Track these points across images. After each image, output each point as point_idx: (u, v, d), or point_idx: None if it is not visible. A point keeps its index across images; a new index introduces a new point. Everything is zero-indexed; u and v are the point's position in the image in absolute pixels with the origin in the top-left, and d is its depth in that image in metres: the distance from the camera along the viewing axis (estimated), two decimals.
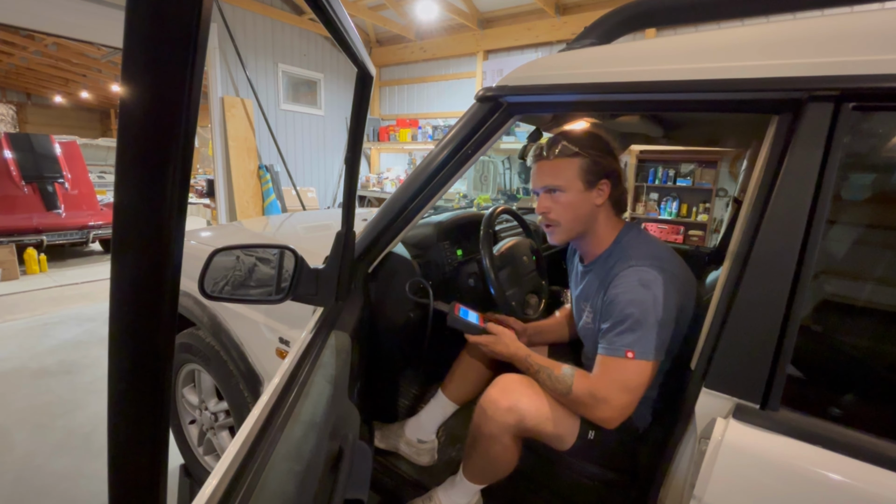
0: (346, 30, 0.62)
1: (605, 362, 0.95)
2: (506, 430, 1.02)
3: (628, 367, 0.92)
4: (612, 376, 0.94)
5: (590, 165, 1.03)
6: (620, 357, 0.92)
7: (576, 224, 1.06)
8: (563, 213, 1.05)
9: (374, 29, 6.45)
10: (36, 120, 14.09)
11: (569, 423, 1.02)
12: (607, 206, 1.08)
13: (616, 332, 0.94)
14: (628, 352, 0.92)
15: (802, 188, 0.66)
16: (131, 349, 0.27)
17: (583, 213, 1.05)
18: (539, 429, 1.01)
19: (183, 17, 0.22)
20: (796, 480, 0.62)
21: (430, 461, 1.38)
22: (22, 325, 3.50)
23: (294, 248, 0.98)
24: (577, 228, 1.07)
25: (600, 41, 0.95)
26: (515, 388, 1.04)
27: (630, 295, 0.94)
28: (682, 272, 1.01)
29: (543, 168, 1.06)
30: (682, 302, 0.97)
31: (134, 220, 0.25)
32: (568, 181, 1.03)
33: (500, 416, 1.01)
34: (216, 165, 5.07)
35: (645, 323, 0.92)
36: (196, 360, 1.57)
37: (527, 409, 1.00)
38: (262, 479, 0.58)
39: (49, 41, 8.26)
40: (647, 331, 0.92)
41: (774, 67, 0.68)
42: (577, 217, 1.06)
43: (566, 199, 1.04)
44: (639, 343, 0.92)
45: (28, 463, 1.94)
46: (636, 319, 0.92)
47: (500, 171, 5.56)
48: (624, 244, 1.06)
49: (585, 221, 1.07)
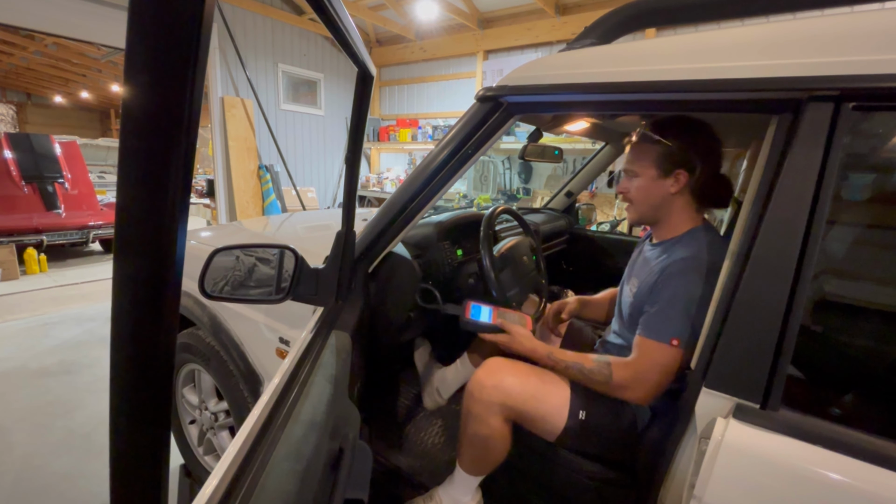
0: (347, 29, 0.62)
1: (647, 346, 0.98)
2: (491, 409, 1.03)
3: (671, 354, 0.95)
4: (655, 360, 0.96)
5: (667, 153, 1.03)
6: (665, 343, 0.95)
7: (648, 209, 1.10)
8: (637, 195, 1.09)
9: (374, 29, 6.45)
10: (36, 120, 14.08)
11: (556, 403, 1.04)
12: (685, 196, 1.07)
13: (665, 317, 0.97)
14: (674, 339, 0.95)
15: (802, 188, 0.66)
16: (133, 349, 0.27)
17: (655, 199, 1.08)
18: (525, 408, 1.03)
19: (185, 18, 0.22)
20: (796, 480, 0.62)
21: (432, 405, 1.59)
22: (22, 325, 3.50)
23: (294, 248, 0.98)
24: (649, 213, 1.10)
25: (600, 41, 0.95)
26: (501, 368, 1.07)
27: (688, 286, 0.96)
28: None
29: (630, 150, 1.10)
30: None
31: (136, 220, 0.25)
32: (643, 167, 1.07)
33: (485, 395, 1.03)
34: (216, 165, 5.06)
35: (693, 314, 0.95)
36: (196, 360, 1.57)
37: (511, 386, 1.03)
38: (262, 479, 0.58)
39: (49, 41, 8.25)
40: (693, 320, 0.95)
41: (774, 67, 0.68)
42: (650, 202, 1.08)
43: (639, 184, 1.08)
44: (685, 332, 0.94)
45: (28, 463, 1.94)
46: (687, 310, 0.95)
47: (500, 171, 5.56)
48: (695, 238, 1.06)
49: (658, 207, 1.09)
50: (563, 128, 1.49)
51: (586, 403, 1.04)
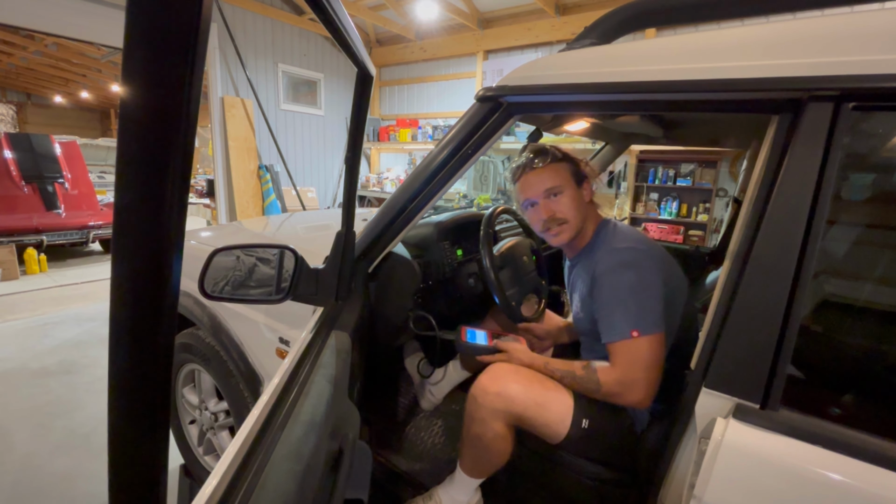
0: (347, 30, 0.62)
1: (616, 349, 0.98)
2: (495, 415, 1.03)
3: (640, 346, 0.95)
4: (630, 359, 0.96)
5: (574, 168, 1.14)
6: (627, 339, 0.96)
7: (578, 221, 1.13)
8: (569, 210, 1.11)
9: (374, 29, 6.45)
10: (36, 120, 14.09)
11: (559, 411, 1.03)
12: (592, 204, 1.17)
13: (614, 316, 0.98)
14: (633, 331, 0.95)
15: (802, 188, 0.66)
16: (131, 349, 0.27)
17: (581, 209, 1.13)
18: (528, 414, 1.03)
19: (183, 18, 0.22)
20: (796, 480, 0.62)
21: (428, 406, 1.61)
22: (22, 325, 3.50)
23: (294, 248, 0.98)
24: (579, 225, 1.13)
25: (600, 41, 0.95)
26: (504, 374, 1.07)
27: (615, 278, 1.00)
28: (657, 251, 1.07)
29: (541, 175, 1.12)
30: (664, 276, 1.02)
31: (134, 220, 0.25)
32: (565, 181, 1.12)
33: (489, 401, 1.03)
34: (216, 165, 5.07)
35: (638, 300, 0.97)
36: (196, 360, 1.57)
37: (515, 393, 1.03)
38: (262, 479, 0.58)
39: (49, 41, 8.26)
40: (641, 307, 0.96)
41: (774, 67, 0.68)
42: (580, 213, 1.12)
43: (568, 197, 1.11)
44: (639, 320, 0.95)
45: (28, 463, 1.94)
46: (629, 300, 0.97)
47: (500, 171, 5.56)
48: (602, 235, 1.14)
49: (583, 218, 1.14)
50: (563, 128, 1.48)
51: (590, 411, 1.03)
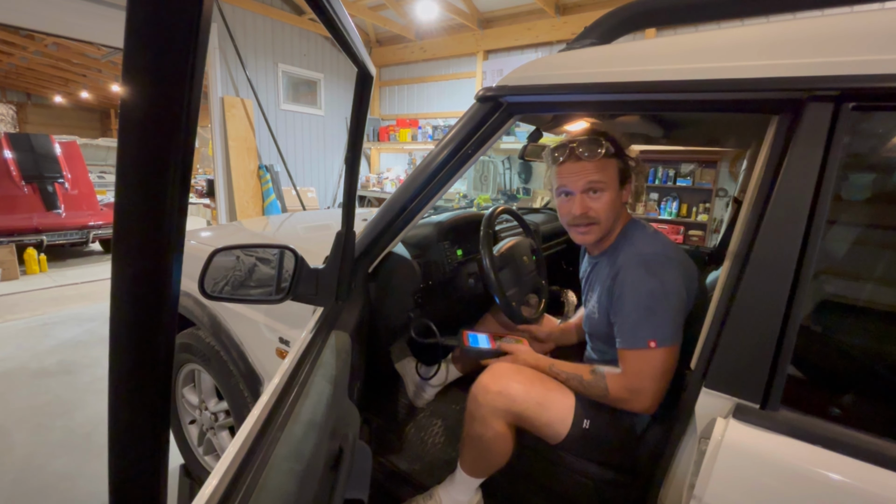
0: (347, 30, 0.62)
1: (630, 356, 0.97)
2: (496, 414, 1.03)
3: (655, 357, 0.94)
4: (642, 368, 0.95)
5: (622, 166, 1.07)
6: (644, 349, 0.94)
7: (610, 223, 1.08)
8: (604, 210, 1.05)
9: (374, 29, 6.45)
10: (36, 120, 14.08)
11: (560, 410, 1.03)
12: (625, 203, 1.12)
13: (633, 323, 0.96)
14: (650, 342, 0.94)
15: (802, 188, 0.66)
16: (132, 349, 0.27)
17: (617, 210, 1.08)
18: (529, 414, 1.03)
19: (183, 18, 0.22)
20: (796, 480, 0.62)
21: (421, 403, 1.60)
22: (22, 325, 3.50)
23: (294, 248, 0.98)
24: (609, 227, 1.09)
25: (600, 41, 0.95)
26: (506, 373, 1.06)
27: (639, 285, 0.97)
28: (683, 259, 1.04)
29: (586, 167, 1.03)
30: (687, 286, 0.99)
31: (135, 220, 0.25)
32: (610, 179, 1.05)
33: (490, 400, 1.03)
34: (216, 165, 5.06)
35: (658, 310, 0.94)
36: (196, 360, 1.57)
37: (517, 392, 1.02)
38: (262, 479, 0.58)
39: (49, 41, 8.25)
40: (662, 317, 0.94)
41: (774, 67, 0.68)
42: (614, 215, 1.08)
43: (608, 198, 1.05)
44: (658, 331, 0.94)
45: (28, 463, 1.94)
46: (650, 308, 0.94)
47: (500, 171, 5.56)
48: (630, 236, 1.09)
49: (616, 219, 1.09)
50: (563, 128, 1.48)
51: (591, 412, 1.03)
